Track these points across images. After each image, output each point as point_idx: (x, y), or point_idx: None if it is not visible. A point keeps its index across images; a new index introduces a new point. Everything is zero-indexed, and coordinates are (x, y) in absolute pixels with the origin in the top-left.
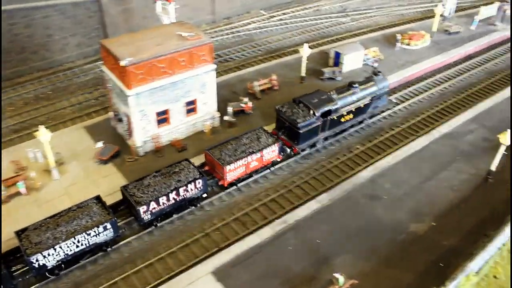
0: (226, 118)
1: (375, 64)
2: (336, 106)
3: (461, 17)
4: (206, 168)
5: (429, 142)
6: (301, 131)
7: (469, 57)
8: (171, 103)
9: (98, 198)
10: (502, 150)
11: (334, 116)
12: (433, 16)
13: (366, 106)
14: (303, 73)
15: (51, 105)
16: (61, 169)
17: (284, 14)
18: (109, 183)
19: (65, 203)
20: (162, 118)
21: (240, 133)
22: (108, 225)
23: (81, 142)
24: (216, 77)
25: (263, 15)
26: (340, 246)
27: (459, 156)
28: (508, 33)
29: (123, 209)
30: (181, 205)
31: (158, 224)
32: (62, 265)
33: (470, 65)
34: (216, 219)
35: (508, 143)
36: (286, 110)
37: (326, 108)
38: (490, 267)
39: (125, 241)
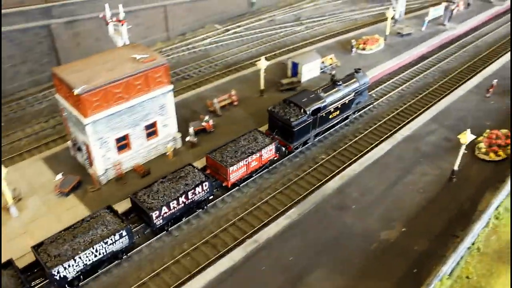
0: (188, 138)
1: (333, 72)
2: (324, 104)
3: (411, 19)
4: (208, 171)
5: (392, 146)
6: (295, 129)
7: (423, 58)
8: (131, 128)
9: (109, 207)
10: (463, 150)
11: (323, 113)
12: (384, 20)
13: (350, 102)
14: (262, 86)
15: (5, 138)
16: (19, 205)
17: (239, 26)
18: (73, 216)
19: (28, 242)
20: (122, 144)
21: (234, 137)
22: (124, 233)
23: (40, 175)
24: (175, 96)
25: (218, 29)
26: (314, 262)
27: (422, 158)
28: (456, 32)
29: (133, 217)
30: (190, 208)
31: (170, 229)
32: (81, 276)
33: (424, 66)
34: (185, 244)
35: (468, 142)
36: (279, 111)
37: (316, 106)
38: (462, 268)
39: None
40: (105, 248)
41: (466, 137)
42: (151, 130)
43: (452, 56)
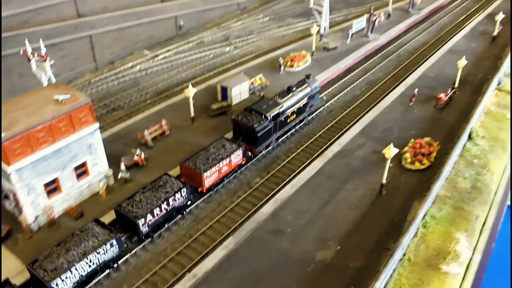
0: (120, 175)
1: (262, 93)
2: (282, 109)
3: (336, 32)
4: (183, 179)
5: (323, 163)
6: (258, 134)
7: (349, 70)
8: (59, 171)
9: (96, 220)
10: (388, 163)
11: (282, 118)
12: (311, 34)
13: (305, 105)
14: (192, 114)
15: None
16: None
17: (168, 51)
18: (5, 269)
19: None
20: (52, 188)
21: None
22: (114, 242)
23: None
24: (105, 130)
25: (147, 55)
26: None
27: (353, 173)
28: (379, 42)
29: (118, 228)
30: (171, 215)
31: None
32: None
33: (351, 78)
34: (125, 285)
35: (392, 156)
36: (242, 119)
37: (275, 112)
38: (395, 280)
39: None
40: (97, 258)
41: (390, 151)
42: (81, 171)
43: (377, 66)
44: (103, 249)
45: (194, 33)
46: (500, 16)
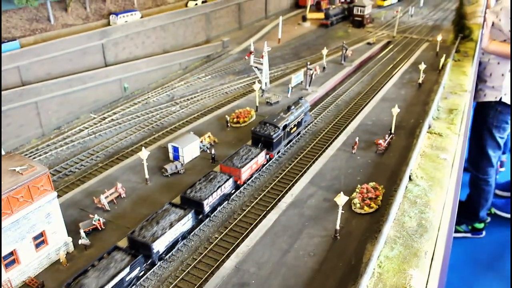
0: (80, 241)
1: (213, 150)
2: (288, 122)
3: (277, 86)
4: None
5: (278, 215)
6: (274, 141)
7: None
8: (17, 243)
9: (170, 203)
10: (340, 210)
11: (288, 129)
12: (253, 90)
13: (301, 120)
14: (147, 175)
15: None
16: None
17: (114, 113)
18: None
19: None
20: (10, 260)
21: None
22: (190, 216)
23: None
24: (60, 196)
25: (94, 118)
26: None
27: (308, 222)
28: (318, 94)
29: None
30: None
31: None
32: (163, 254)
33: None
34: None
35: (343, 203)
36: (260, 130)
37: (284, 123)
38: None
39: None
40: (180, 228)
41: (341, 199)
42: (40, 240)
43: (318, 117)
44: (184, 221)
45: (139, 94)
46: (423, 66)
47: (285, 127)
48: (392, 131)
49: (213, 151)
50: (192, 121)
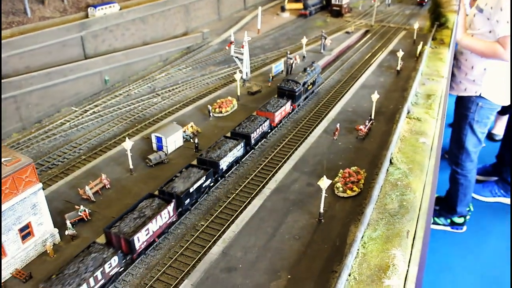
0: (67, 232)
1: (196, 140)
2: (306, 80)
3: (257, 76)
4: (257, 113)
5: (263, 200)
6: (296, 94)
7: None
8: (3, 235)
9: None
10: (323, 193)
11: (306, 85)
12: (234, 80)
13: (315, 80)
14: (131, 166)
15: None
16: None
17: (96, 106)
18: None
19: None
20: None
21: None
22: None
23: None
24: (44, 188)
25: (75, 111)
26: None
27: (292, 206)
28: None
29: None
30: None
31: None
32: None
33: None
34: None
35: (326, 186)
36: (284, 85)
37: (304, 80)
38: None
39: None
40: (236, 153)
41: (324, 182)
42: (26, 232)
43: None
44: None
45: (120, 86)
46: (400, 53)
47: (304, 83)
48: (372, 117)
49: (196, 140)
50: (174, 112)
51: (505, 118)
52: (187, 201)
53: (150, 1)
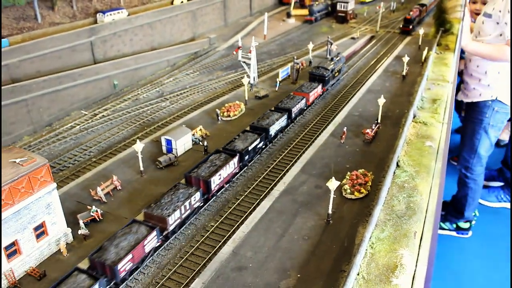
0: (80, 232)
1: (205, 143)
2: (333, 67)
3: (265, 81)
4: (296, 93)
5: (272, 202)
6: (326, 78)
7: None
8: (19, 233)
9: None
10: (332, 195)
11: (333, 72)
12: (241, 85)
13: (340, 68)
14: (141, 168)
15: None
16: None
17: (105, 109)
18: None
19: None
20: (12, 251)
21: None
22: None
23: None
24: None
25: (85, 114)
26: None
27: (301, 208)
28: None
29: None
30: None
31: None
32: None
33: None
34: None
35: (335, 188)
36: (316, 71)
37: (331, 68)
38: None
39: None
40: (281, 123)
41: (332, 184)
42: (40, 231)
43: (307, 109)
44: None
45: (128, 91)
46: (406, 58)
47: (332, 70)
48: (379, 120)
49: (205, 143)
50: (182, 115)
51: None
52: (246, 157)
53: (158, 7)
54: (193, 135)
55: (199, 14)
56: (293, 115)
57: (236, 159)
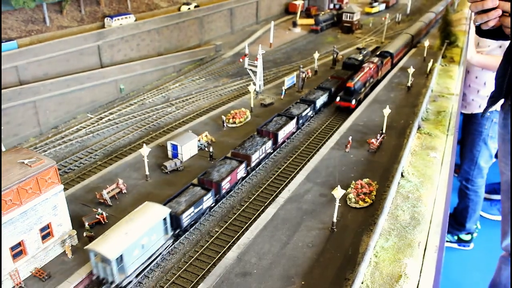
0: (85, 234)
1: (211, 148)
2: (362, 58)
3: (270, 89)
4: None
5: (277, 209)
6: (357, 64)
7: None
8: (25, 234)
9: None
10: (337, 203)
11: (362, 62)
12: (247, 92)
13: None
14: (147, 172)
15: None
16: None
17: (111, 113)
18: None
19: None
20: (18, 251)
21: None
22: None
23: None
24: None
25: (91, 118)
26: None
27: (305, 215)
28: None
29: None
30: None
31: None
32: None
33: None
34: None
35: (340, 196)
36: (348, 60)
37: (361, 58)
38: None
39: None
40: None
41: (338, 192)
42: (46, 232)
43: (311, 118)
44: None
45: (135, 95)
46: (411, 70)
47: (361, 61)
48: (384, 131)
49: (211, 149)
50: (188, 121)
51: None
52: (301, 120)
53: (165, 13)
54: (199, 140)
55: (206, 21)
56: (332, 93)
57: (294, 120)
